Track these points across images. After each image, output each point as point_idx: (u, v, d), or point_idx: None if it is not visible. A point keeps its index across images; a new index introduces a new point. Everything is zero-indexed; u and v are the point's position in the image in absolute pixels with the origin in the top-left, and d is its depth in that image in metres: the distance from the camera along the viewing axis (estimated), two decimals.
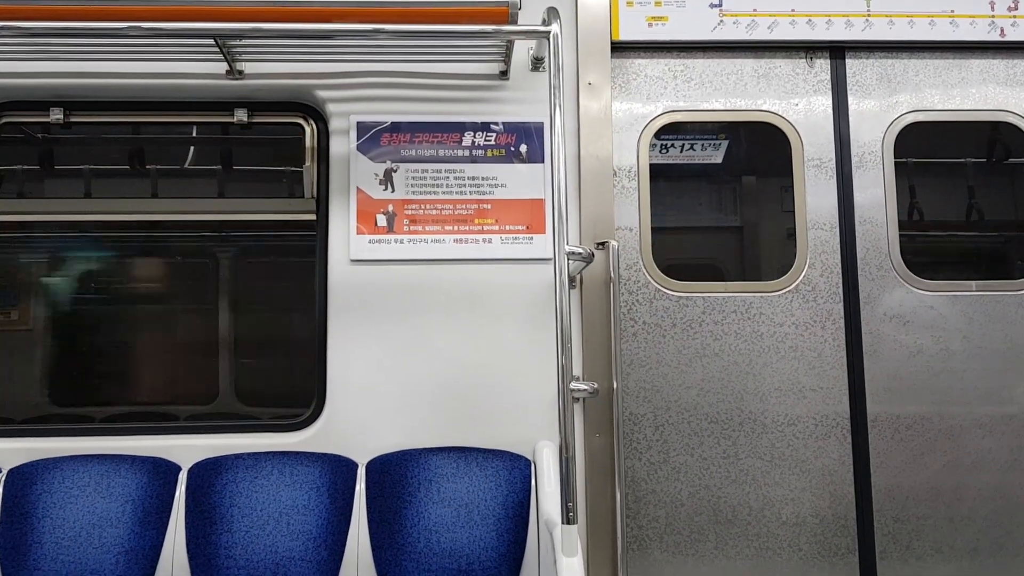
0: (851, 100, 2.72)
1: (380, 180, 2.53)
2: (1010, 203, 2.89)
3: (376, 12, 2.16)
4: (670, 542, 2.53)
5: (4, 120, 2.58)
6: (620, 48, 2.67)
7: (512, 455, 2.38)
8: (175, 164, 3.09)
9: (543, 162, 2.55)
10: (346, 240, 2.49)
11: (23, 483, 2.27)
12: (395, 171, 2.54)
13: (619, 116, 2.67)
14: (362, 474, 2.35)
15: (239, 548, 2.21)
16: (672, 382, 2.58)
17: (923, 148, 2.78)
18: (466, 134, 2.56)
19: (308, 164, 2.57)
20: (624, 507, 2.42)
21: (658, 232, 2.63)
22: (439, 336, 2.47)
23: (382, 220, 2.51)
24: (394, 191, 2.53)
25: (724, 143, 2.83)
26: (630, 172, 2.64)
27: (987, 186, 2.88)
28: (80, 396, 3.12)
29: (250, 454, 2.34)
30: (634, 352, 2.58)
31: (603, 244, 2.50)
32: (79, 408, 3.12)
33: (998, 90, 2.74)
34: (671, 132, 2.74)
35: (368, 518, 2.30)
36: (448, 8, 2.17)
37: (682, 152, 2.80)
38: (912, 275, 2.64)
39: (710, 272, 2.81)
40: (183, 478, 2.33)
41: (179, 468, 2.35)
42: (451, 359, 2.47)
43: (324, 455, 2.37)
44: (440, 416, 2.44)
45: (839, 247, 2.65)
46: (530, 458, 2.39)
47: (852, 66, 2.74)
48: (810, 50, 2.73)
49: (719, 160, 2.85)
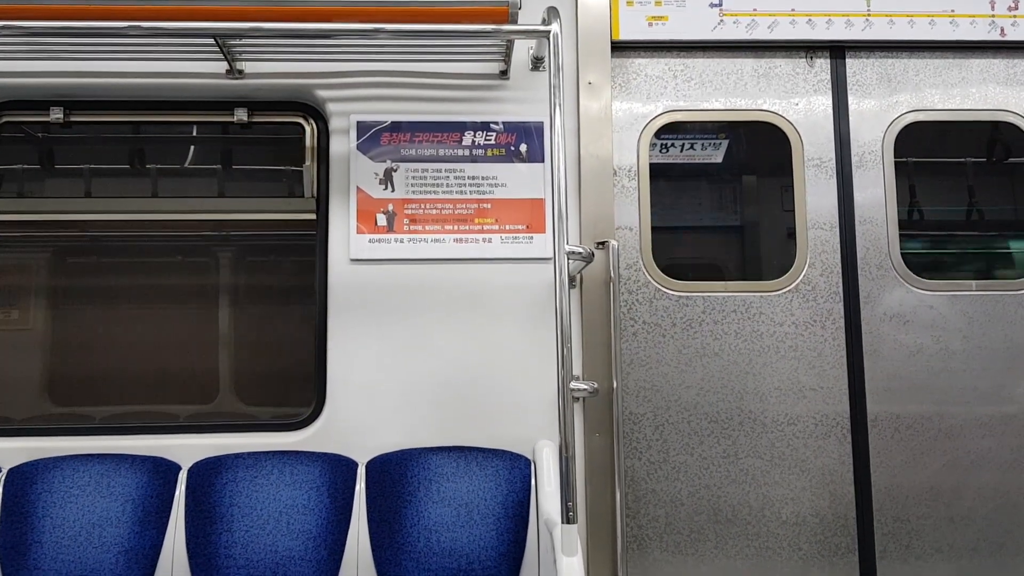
0: (851, 100, 2.72)
1: (380, 179, 2.53)
2: (1010, 203, 2.89)
3: (376, 12, 2.16)
4: (670, 542, 2.53)
5: (4, 119, 2.59)
6: (620, 48, 2.67)
7: (512, 455, 2.38)
8: (175, 163, 3.09)
9: (543, 162, 2.55)
10: (346, 239, 2.50)
11: (23, 483, 2.27)
12: (395, 170, 2.54)
13: (619, 116, 2.67)
14: (362, 473, 2.35)
15: (239, 547, 2.21)
16: (672, 382, 2.58)
17: (923, 148, 2.78)
18: (466, 133, 2.56)
19: (308, 163, 2.58)
20: (624, 507, 2.42)
21: (658, 232, 2.63)
22: (439, 335, 2.47)
23: (382, 219, 2.51)
24: (394, 190, 2.53)
25: (724, 143, 2.83)
26: (630, 172, 2.64)
27: (987, 186, 2.88)
28: (80, 396, 3.12)
29: (250, 453, 2.34)
30: (634, 352, 2.58)
31: (603, 244, 2.50)
32: (79, 408, 3.12)
33: (998, 90, 2.74)
34: (671, 132, 2.74)
35: (368, 517, 2.30)
36: (448, 8, 2.17)
37: (682, 152, 2.80)
38: (912, 275, 2.64)
39: (710, 272, 2.81)
40: (183, 477, 2.33)
41: (179, 467, 2.35)
42: (451, 358, 2.47)
43: (324, 454, 2.37)
44: (440, 415, 2.44)
45: (839, 247, 2.65)
46: (530, 458, 2.39)
47: (852, 66, 2.74)
48: (810, 50, 2.73)
49: (719, 160, 2.84)
